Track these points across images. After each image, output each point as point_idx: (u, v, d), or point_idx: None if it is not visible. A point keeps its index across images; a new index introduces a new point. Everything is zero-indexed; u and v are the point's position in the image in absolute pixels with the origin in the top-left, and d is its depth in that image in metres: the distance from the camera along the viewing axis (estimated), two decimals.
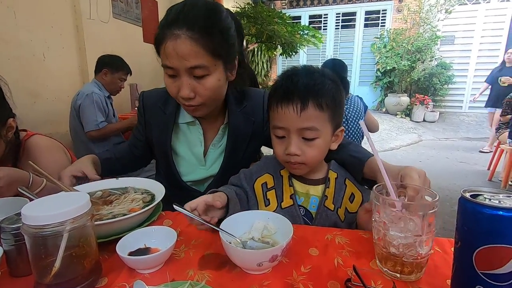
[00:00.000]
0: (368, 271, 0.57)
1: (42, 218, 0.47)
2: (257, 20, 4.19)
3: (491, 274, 0.41)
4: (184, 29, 0.75)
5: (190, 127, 1.01)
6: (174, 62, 0.77)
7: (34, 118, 2.50)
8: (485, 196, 0.44)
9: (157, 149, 1.02)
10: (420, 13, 7.15)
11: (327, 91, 0.72)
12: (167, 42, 0.76)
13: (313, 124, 0.71)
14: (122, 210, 0.73)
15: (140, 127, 1.07)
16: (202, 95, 0.83)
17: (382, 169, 0.58)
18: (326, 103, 0.71)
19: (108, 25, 3.28)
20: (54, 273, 0.49)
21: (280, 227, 0.64)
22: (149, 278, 0.56)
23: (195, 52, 0.76)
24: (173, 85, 0.82)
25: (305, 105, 0.70)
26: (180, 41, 0.75)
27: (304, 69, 0.77)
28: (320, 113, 0.71)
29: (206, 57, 0.78)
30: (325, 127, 0.73)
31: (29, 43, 2.48)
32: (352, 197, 0.81)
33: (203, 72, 0.79)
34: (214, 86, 0.83)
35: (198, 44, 0.75)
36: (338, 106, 0.75)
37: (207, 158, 1.01)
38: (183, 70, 0.78)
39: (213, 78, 0.82)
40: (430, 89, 7.18)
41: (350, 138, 2.05)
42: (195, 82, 0.80)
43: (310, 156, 0.73)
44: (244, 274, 0.57)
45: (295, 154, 0.72)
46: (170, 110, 0.99)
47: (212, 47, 0.77)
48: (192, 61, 0.77)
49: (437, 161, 4.62)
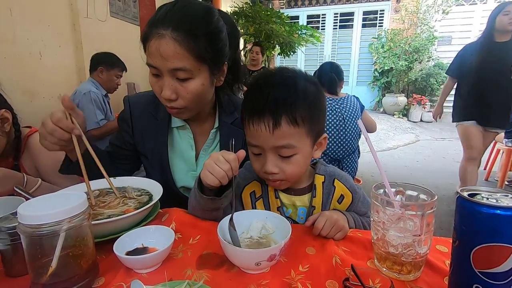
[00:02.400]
0: (366, 270, 0.57)
1: (38, 218, 0.47)
2: (255, 20, 4.19)
3: (488, 273, 0.41)
4: (170, 30, 0.72)
5: (181, 132, 0.98)
6: (157, 62, 0.75)
7: (30, 116, 2.45)
8: (483, 195, 0.44)
9: (151, 158, 0.97)
10: (417, 14, 7.19)
11: (302, 102, 0.67)
12: (152, 41, 0.74)
13: (288, 142, 0.66)
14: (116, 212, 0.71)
15: (126, 136, 0.98)
16: (184, 98, 0.80)
17: (381, 169, 0.58)
18: (302, 116, 0.66)
19: (105, 23, 3.26)
20: (51, 273, 0.48)
21: (278, 227, 0.64)
22: (147, 278, 0.55)
23: (178, 54, 0.74)
24: (157, 84, 0.80)
25: (278, 122, 0.65)
26: (164, 42, 0.73)
27: (277, 76, 0.71)
28: (296, 130, 0.66)
29: (190, 60, 0.75)
30: (302, 142, 0.68)
31: (26, 41, 2.46)
32: (341, 198, 0.78)
33: (186, 75, 0.77)
34: (197, 90, 0.80)
35: (182, 46, 0.73)
36: (317, 114, 0.70)
37: (198, 163, 0.98)
38: (166, 71, 0.76)
39: (196, 82, 0.79)
40: (427, 89, 7.21)
41: (348, 137, 2.06)
42: (177, 84, 0.78)
43: (289, 172, 0.70)
44: (242, 274, 0.56)
45: (272, 172, 0.69)
46: (162, 115, 0.95)
47: (197, 50, 0.75)
48: (174, 62, 0.74)
49: (434, 161, 4.65)
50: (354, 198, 0.78)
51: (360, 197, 0.79)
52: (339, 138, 2.05)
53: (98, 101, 2.29)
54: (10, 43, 2.34)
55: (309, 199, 0.78)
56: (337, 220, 0.69)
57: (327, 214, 0.70)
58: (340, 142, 2.05)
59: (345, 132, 2.06)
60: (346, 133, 2.06)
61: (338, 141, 2.05)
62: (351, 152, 2.11)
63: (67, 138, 0.73)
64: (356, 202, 0.79)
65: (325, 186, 0.78)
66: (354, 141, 2.12)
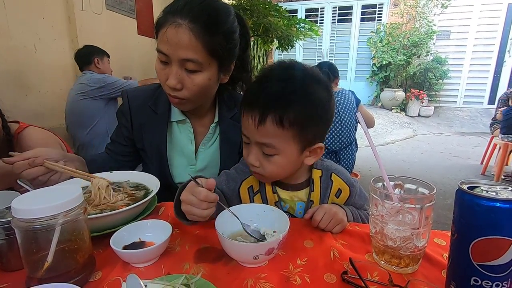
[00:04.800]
0: (364, 264, 0.57)
1: (33, 212, 0.46)
2: (253, 13, 4.13)
3: (487, 266, 0.41)
4: (187, 20, 0.73)
5: (180, 126, 0.97)
6: (169, 49, 0.76)
7: (26, 111, 2.46)
8: (482, 188, 0.43)
9: (150, 152, 0.96)
10: (416, 8, 7.15)
11: (296, 105, 0.63)
12: (168, 28, 0.74)
13: (270, 142, 0.64)
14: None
15: (125, 131, 0.98)
16: (189, 90, 0.80)
17: (379, 162, 0.58)
18: (290, 119, 0.62)
19: (101, 16, 3.21)
20: (46, 267, 0.48)
21: (276, 220, 0.64)
22: (144, 272, 0.55)
23: (192, 45, 0.74)
24: (163, 71, 0.80)
25: (263, 120, 0.63)
26: (180, 30, 0.73)
27: (283, 71, 0.69)
28: (280, 131, 0.63)
29: (202, 54, 0.76)
30: (286, 146, 0.65)
31: (20, 34, 2.42)
32: (338, 192, 0.78)
33: (195, 67, 0.77)
34: (203, 84, 0.80)
35: (198, 39, 0.74)
36: (315, 120, 0.66)
37: (198, 157, 0.98)
38: (176, 59, 0.76)
39: (204, 76, 0.80)
40: (426, 84, 7.21)
41: (343, 129, 2.10)
42: (185, 74, 0.79)
43: (268, 170, 0.69)
44: (240, 267, 0.56)
45: (253, 165, 0.69)
46: (161, 109, 0.94)
47: (211, 45, 0.76)
48: (186, 53, 0.75)
49: (431, 155, 4.67)
50: (351, 191, 0.78)
51: (357, 190, 0.79)
52: (335, 130, 2.09)
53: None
54: (3, 36, 2.30)
55: (306, 194, 0.77)
56: (336, 213, 0.69)
57: (326, 207, 0.70)
58: (336, 134, 2.09)
59: (340, 124, 2.09)
60: (341, 125, 2.09)
61: (334, 133, 2.09)
62: (348, 144, 2.13)
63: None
64: (353, 195, 0.79)
65: (323, 180, 0.78)
66: (351, 133, 2.15)
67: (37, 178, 0.73)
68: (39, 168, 0.73)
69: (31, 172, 0.72)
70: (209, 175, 0.92)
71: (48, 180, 0.75)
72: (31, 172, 0.72)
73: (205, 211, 0.59)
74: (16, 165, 0.72)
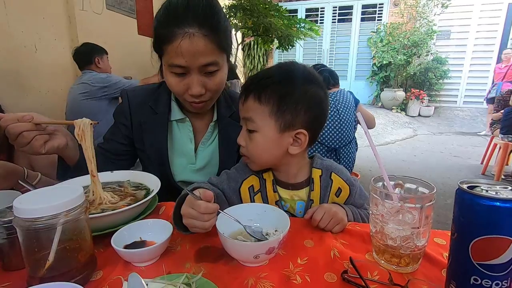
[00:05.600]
0: (365, 263, 0.57)
1: (34, 211, 0.46)
2: (253, 13, 4.13)
3: (486, 265, 0.42)
4: (196, 27, 0.74)
5: (180, 125, 0.97)
6: (187, 61, 0.76)
7: (26, 111, 2.44)
8: (482, 187, 0.44)
9: (150, 152, 0.94)
10: (416, 7, 7.14)
11: (277, 85, 0.70)
12: (180, 41, 0.74)
13: (250, 115, 0.71)
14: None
15: (124, 129, 0.96)
16: (212, 90, 0.84)
17: (379, 162, 0.58)
18: (266, 96, 0.69)
19: (101, 16, 3.21)
20: (48, 266, 0.48)
21: (277, 220, 0.64)
22: (145, 271, 0.55)
23: (209, 49, 0.77)
24: (181, 83, 0.81)
25: (246, 97, 0.72)
26: (195, 40, 0.74)
27: (286, 68, 0.74)
28: (258, 106, 0.70)
29: (217, 53, 0.79)
30: (264, 123, 0.70)
31: (20, 34, 2.42)
32: (338, 191, 0.78)
33: (215, 68, 0.80)
34: (223, 80, 0.85)
35: (212, 41, 0.76)
36: (290, 101, 0.69)
37: (197, 155, 0.98)
38: (196, 68, 0.78)
39: (222, 73, 0.84)
40: (426, 83, 7.21)
41: (343, 127, 2.15)
42: (205, 78, 0.81)
43: (250, 149, 0.73)
44: (241, 267, 0.56)
45: (240, 144, 0.75)
46: (162, 108, 0.94)
47: (220, 42, 0.79)
48: (206, 58, 0.77)
49: (431, 155, 4.67)
50: (351, 191, 0.78)
51: (357, 189, 0.79)
52: (335, 128, 2.13)
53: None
54: (4, 36, 2.30)
55: (307, 193, 0.78)
56: (336, 213, 0.69)
57: (326, 207, 0.70)
58: (336, 132, 2.13)
59: (340, 122, 2.13)
60: (341, 124, 2.14)
61: (333, 130, 2.13)
62: (347, 142, 2.17)
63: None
64: (353, 195, 0.79)
65: (323, 179, 0.78)
66: (350, 131, 2.19)
67: (22, 134, 0.70)
68: (26, 123, 0.71)
69: (17, 125, 0.70)
70: (208, 174, 0.93)
71: (33, 139, 0.71)
72: (18, 125, 0.70)
73: (207, 223, 0.58)
74: (5, 117, 0.70)
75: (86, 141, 0.73)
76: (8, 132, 0.70)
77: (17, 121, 0.70)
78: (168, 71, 0.81)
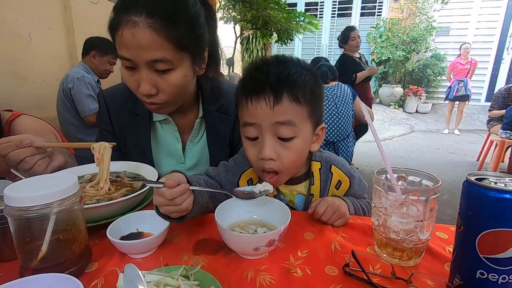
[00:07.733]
0: (366, 256, 0.56)
1: (26, 200, 0.44)
2: (253, 5, 4.08)
3: (493, 259, 0.41)
4: (143, 16, 0.64)
5: (164, 125, 0.92)
6: (131, 53, 0.67)
7: (20, 102, 2.41)
8: (491, 179, 0.42)
9: (134, 155, 0.90)
10: (416, 3, 7.10)
11: (304, 83, 0.64)
12: (123, 30, 0.65)
13: (289, 118, 0.62)
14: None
15: (107, 135, 0.92)
16: (166, 92, 0.72)
17: (383, 154, 0.56)
18: (304, 96, 0.63)
19: (97, 6, 3.14)
20: (41, 257, 0.46)
21: (277, 212, 0.63)
22: (142, 263, 0.54)
23: (156, 43, 0.65)
24: (132, 78, 0.71)
25: (279, 98, 0.61)
26: (138, 30, 0.64)
27: (276, 58, 0.67)
28: (298, 107, 0.62)
29: (170, 50, 0.67)
30: (303, 123, 0.64)
31: (14, 23, 2.36)
32: (338, 184, 0.77)
33: (167, 66, 0.69)
34: (179, 83, 0.72)
35: (160, 35, 0.65)
36: (318, 99, 0.67)
37: (186, 154, 0.94)
38: (143, 63, 0.68)
39: (179, 74, 0.71)
40: (424, 80, 7.21)
41: (341, 121, 2.18)
42: (157, 77, 0.70)
43: (286, 161, 0.64)
44: (240, 259, 0.55)
45: (270, 158, 0.63)
46: (141, 109, 0.87)
47: (177, 38, 0.67)
48: (152, 53, 0.66)
49: (428, 151, 4.69)
50: (351, 183, 0.77)
51: (357, 180, 0.78)
52: (333, 121, 2.16)
53: (92, 87, 2.23)
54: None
55: (306, 187, 0.76)
56: (339, 207, 0.68)
57: (329, 200, 0.69)
58: (334, 125, 2.16)
59: (338, 116, 2.16)
60: (339, 117, 2.16)
61: (332, 124, 2.16)
62: (346, 136, 2.19)
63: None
64: (353, 186, 0.77)
65: (322, 172, 0.76)
66: (348, 125, 2.22)
67: (24, 160, 0.68)
68: (27, 148, 0.68)
69: (18, 152, 0.67)
70: (200, 172, 0.84)
71: (36, 164, 0.69)
72: (19, 152, 0.67)
73: (183, 205, 0.55)
74: (2, 146, 0.67)
75: (104, 163, 0.72)
76: (10, 160, 0.68)
77: (15, 147, 0.68)
78: (121, 63, 0.72)
